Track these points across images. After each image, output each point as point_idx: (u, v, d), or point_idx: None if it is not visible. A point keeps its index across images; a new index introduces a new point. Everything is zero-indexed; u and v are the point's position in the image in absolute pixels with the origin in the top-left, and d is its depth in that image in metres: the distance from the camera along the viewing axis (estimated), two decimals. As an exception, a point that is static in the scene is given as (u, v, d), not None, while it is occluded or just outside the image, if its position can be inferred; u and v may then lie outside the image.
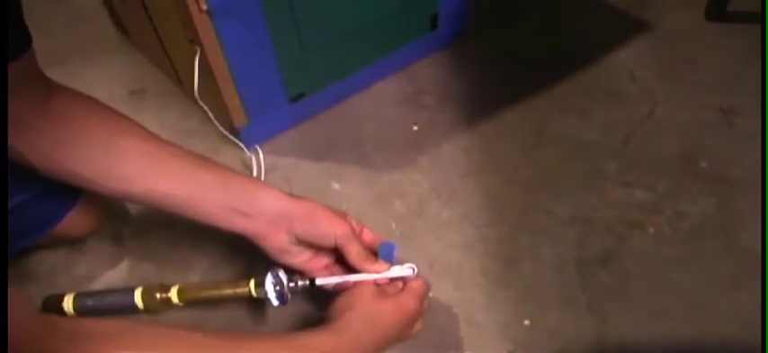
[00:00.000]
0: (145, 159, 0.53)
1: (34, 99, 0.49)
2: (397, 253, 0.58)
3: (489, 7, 1.02)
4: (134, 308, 0.61)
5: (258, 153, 0.78)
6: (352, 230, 0.56)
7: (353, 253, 0.55)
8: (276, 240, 0.55)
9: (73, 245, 0.70)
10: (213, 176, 0.55)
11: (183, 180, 0.54)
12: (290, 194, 0.56)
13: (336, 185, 0.76)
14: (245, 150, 0.79)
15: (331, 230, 0.54)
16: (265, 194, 0.55)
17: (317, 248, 0.57)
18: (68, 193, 0.62)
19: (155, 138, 0.55)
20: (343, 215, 0.57)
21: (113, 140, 0.53)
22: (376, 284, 0.55)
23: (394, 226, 0.71)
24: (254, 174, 0.77)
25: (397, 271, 0.56)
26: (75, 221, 0.64)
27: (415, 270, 0.56)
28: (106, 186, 0.54)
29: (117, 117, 0.55)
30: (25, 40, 0.47)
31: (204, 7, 0.61)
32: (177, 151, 0.55)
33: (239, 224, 0.55)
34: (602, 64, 0.91)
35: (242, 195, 0.54)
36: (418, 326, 0.55)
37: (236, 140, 0.79)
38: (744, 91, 0.84)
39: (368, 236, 0.59)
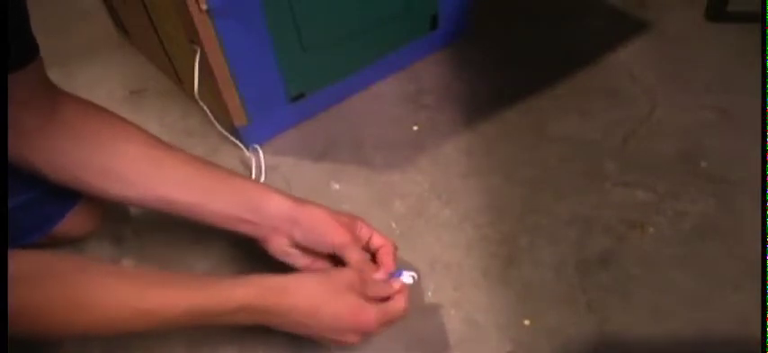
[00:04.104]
0: (150, 166, 0.54)
1: (41, 107, 0.50)
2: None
3: (489, 7, 1.02)
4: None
5: (258, 153, 0.78)
6: (352, 239, 0.56)
7: (352, 261, 0.55)
8: (276, 244, 0.56)
9: (73, 245, 0.69)
10: (217, 182, 0.55)
11: (187, 187, 0.54)
12: (295, 199, 0.56)
13: (336, 185, 0.76)
14: (245, 150, 0.79)
15: (329, 239, 0.55)
16: (269, 201, 0.55)
17: (317, 253, 0.57)
18: (69, 193, 0.62)
19: (159, 143, 0.56)
20: (349, 222, 0.57)
21: (119, 147, 0.53)
22: None
23: (394, 226, 0.71)
24: (254, 174, 0.77)
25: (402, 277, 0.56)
26: (75, 221, 0.65)
27: (416, 278, 0.56)
28: (112, 193, 0.54)
29: (122, 123, 0.55)
30: (33, 50, 0.47)
31: (204, 7, 0.61)
32: (182, 157, 0.56)
33: (243, 228, 0.55)
34: (602, 64, 0.91)
35: (246, 202, 0.54)
36: (356, 340, 0.52)
37: (236, 141, 0.79)
38: (744, 91, 0.84)
39: (377, 240, 0.58)
